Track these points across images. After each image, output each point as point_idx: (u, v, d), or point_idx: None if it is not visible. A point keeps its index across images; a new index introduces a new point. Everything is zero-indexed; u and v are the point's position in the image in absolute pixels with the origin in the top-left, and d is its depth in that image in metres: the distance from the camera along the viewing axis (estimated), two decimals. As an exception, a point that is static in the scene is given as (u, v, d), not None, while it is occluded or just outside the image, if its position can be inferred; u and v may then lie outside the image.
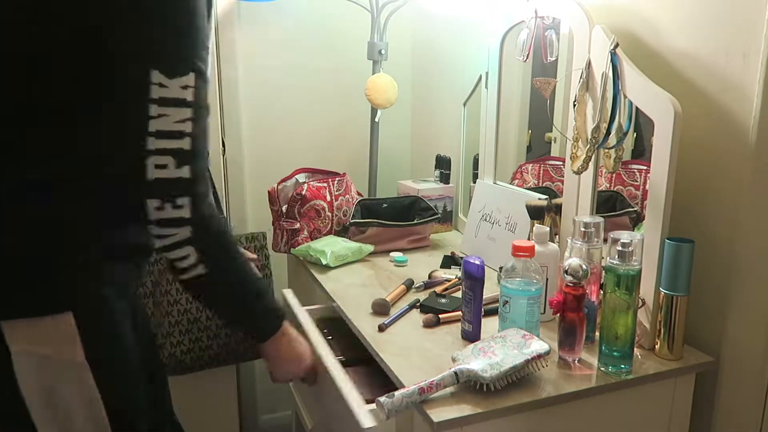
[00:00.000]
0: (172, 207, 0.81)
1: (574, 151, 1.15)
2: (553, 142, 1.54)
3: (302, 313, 1.33)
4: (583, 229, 1.04)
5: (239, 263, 0.92)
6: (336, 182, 1.73)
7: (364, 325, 1.19)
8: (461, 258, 1.47)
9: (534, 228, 1.15)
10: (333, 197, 1.69)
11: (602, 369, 1.00)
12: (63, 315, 0.84)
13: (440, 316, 1.19)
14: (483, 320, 1.12)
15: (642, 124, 1.20)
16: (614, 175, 1.28)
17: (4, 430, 0.90)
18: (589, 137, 1.09)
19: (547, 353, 0.95)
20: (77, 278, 0.86)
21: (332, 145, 2.11)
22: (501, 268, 1.09)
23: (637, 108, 1.06)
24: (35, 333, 0.84)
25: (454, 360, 0.97)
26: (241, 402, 1.97)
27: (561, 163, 1.41)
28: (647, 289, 1.04)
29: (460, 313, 1.14)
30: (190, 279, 0.87)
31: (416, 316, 1.23)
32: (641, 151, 1.25)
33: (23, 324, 0.83)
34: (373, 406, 0.91)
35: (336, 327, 1.32)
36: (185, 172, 0.81)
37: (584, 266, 0.98)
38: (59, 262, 0.85)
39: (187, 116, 0.80)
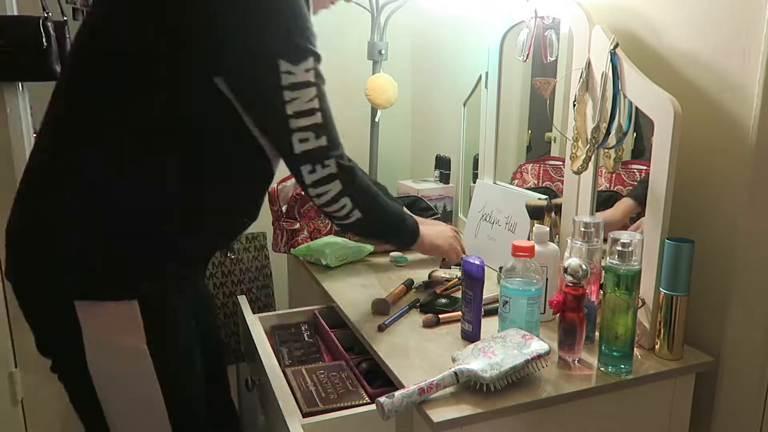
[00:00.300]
0: (322, 167, 0.96)
1: (574, 151, 1.15)
2: (553, 142, 1.54)
3: (254, 321, 1.34)
4: (583, 229, 1.04)
5: (381, 200, 1.10)
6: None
7: (364, 325, 1.19)
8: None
9: (534, 228, 1.15)
10: (333, 197, 1.69)
11: (602, 369, 1.00)
12: (129, 302, 0.93)
13: (440, 316, 1.19)
14: (483, 320, 1.11)
15: (642, 124, 1.20)
16: (614, 175, 1.27)
17: (73, 399, 1.03)
18: (589, 137, 1.09)
19: (547, 353, 0.95)
20: (146, 269, 0.94)
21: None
22: (501, 268, 1.09)
23: (637, 108, 1.06)
24: (103, 316, 0.92)
25: (454, 360, 0.97)
26: (241, 402, 1.97)
27: (561, 163, 1.41)
28: (647, 289, 1.04)
29: (459, 312, 1.14)
30: (351, 224, 1.05)
31: (416, 316, 1.23)
32: (641, 151, 1.25)
33: (93, 306, 0.92)
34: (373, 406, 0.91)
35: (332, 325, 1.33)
36: (323, 140, 0.95)
37: (584, 266, 0.98)
38: (132, 253, 0.93)
39: (314, 94, 0.92)
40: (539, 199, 1.36)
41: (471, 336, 1.10)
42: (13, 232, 0.97)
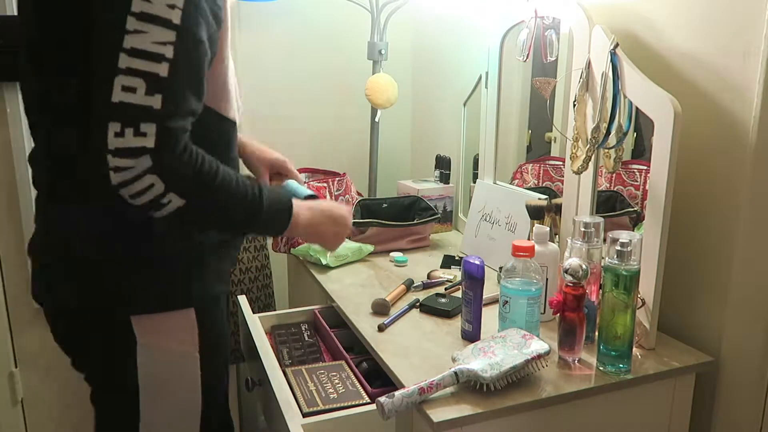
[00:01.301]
0: (134, 134, 0.73)
1: (574, 151, 1.15)
2: (553, 142, 1.54)
3: (254, 321, 1.34)
4: (583, 229, 1.04)
5: (221, 192, 0.84)
6: (336, 182, 1.73)
7: (364, 325, 1.19)
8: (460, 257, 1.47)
9: (534, 228, 1.15)
10: (333, 197, 1.69)
11: (601, 368, 1.00)
12: (186, 311, 0.93)
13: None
14: (482, 320, 1.11)
15: (642, 124, 1.20)
16: (614, 175, 1.28)
17: (110, 409, 1.00)
18: (589, 137, 1.09)
19: (547, 353, 0.95)
20: (197, 276, 0.94)
21: (332, 145, 2.10)
22: (500, 267, 1.09)
23: (637, 108, 1.06)
24: (160, 327, 0.92)
25: (454, 360, 0.97)
26: (241, 402, 1.97)
27: (561, 163, 1.41)
28: (647, 289, 1.04)
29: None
30: (169, 215, 0.80)
31: (416, 316, 1.23)
32: (641, 151, 1.25)
33: (151, 319, 0.91)
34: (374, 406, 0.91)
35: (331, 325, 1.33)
36: (156, 100, 0.73)
37: (584, 266, 0.98)
38: (183, 262, 0.92)
39: (170, 39, 0.73)
40: (539, 199, 1.36)
41: (471, 336, 1.10)
42: (47, 244, 0.91)
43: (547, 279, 1.12)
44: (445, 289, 1.35)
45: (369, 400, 1.06)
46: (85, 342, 0.95)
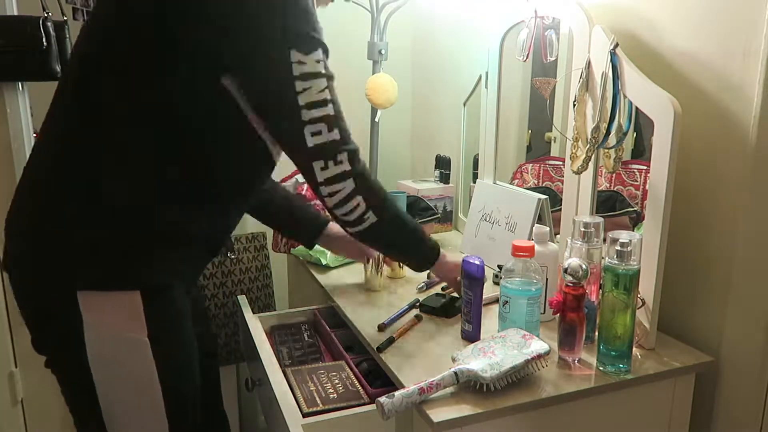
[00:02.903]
0: (334, 164, 0.94)
1: (573, 151, 1.15)
2: (553, 142, 1.54)
3: (254, 321, 1.34)
4: (582, 229, 1.04)
5: (398, 207, 1.07)
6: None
7: (364, 324, 1.19)
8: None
9: (534, 228, 1.15)
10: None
11: (601, 368, 1.00)
12: (131, 293, 0.93)
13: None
14: (482, 320, 1.11)
15: (642, 124, 1.20)
16: (614, 175, 1.28)
17: (68, 392, 1.03)
18: (589, 137, 1.09)
19: (547, 353, 0.95)
20: (148, 261, 0.95)
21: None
22: (499, 266, 1.09)
23: (637, 108, 1.06)
24: (105, 306, 0.93)
25: (454, 360, 0.97)
26: (241, 402, 1.97)
27: (561, 163, 1.41)
28: (647, 289, 1.04)
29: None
30: (365, 230, 1.01)
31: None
32: (641, 151, 1.25)
33: (96, 296, 0.93)
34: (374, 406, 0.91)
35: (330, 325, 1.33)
36: (336, 134, 0.93)
37: (584, 266, 0.98)
38: (136, 245, 0.93)
39: (324, 85, 0.91)
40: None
41: (471, 336, 1.10)
42: (15, 221, 0.98)
43: (547, 279, 1.12)
44: (443, 288, 1.35)
45: (369, 400, 1.06)
46: (42, 318, 0.99)
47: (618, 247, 0.96)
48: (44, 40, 1.59)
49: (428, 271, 1.26)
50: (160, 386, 0.98)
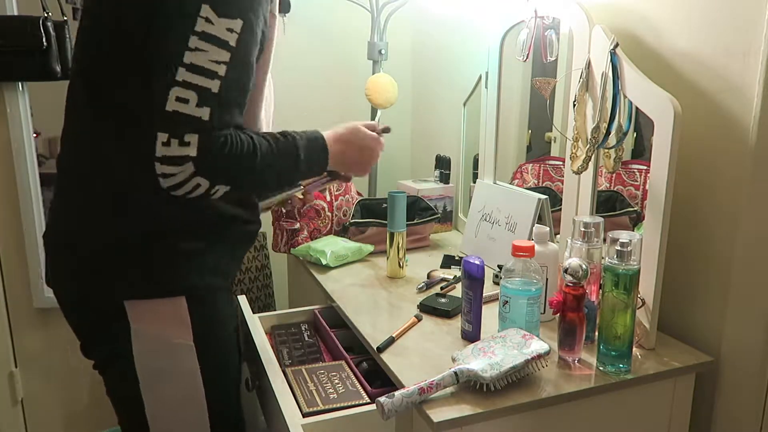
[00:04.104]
0: (179, 144, 0.80)
1: (573, 151, 1.15)
2: (553, 142, 1.54)
3: (254, 321, 1.34)
4: (582, 229, 1.04)
5: (263, 159, 0.90)
6: (336, 182, 1.73)
7: (364, 324, 1.19)
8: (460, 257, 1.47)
9: (534, 228, 1.15)
10: (333, 197, 1.69)
11: (601, 368, 1.00)
12: (177, 299, 0.94)
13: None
14: (482, 320, 1.11)
15: (642, 124, 1.20)
16: (614, 175, 1.28)
17: (116, 395, 1.03)
18: (589, 137, 1.09)
19: (547, 353, 0.95)
20: (190, 266, 0.95)
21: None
22: (499, 266, 1.09)
23: (637, 108, 1.06)
24: (153, 314, 0.93)
25: (454, 360, 0.97)
26: (241, 402, 1.97)
27: (561, 163, 1.41)
28: (647, 289, 1.04)
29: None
30: (223, 195, 0.89)
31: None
32: (641, 151, 1.25)
33: (143, 304, 0.93)
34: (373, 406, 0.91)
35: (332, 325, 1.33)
36: (204, 112, 0.81)
37: (584, 266, 0.98)
38: (176, 251, 0.93)
39: (224, 59, 0.81)
40: None
41: (471, 336, 1.10)
42: (55, 238, 0.98)
43: (547, 279, 1.12)
44: (441, 288, 1.35)
45: (369, 400, 1.06)
46: (90, 327, 1.00)
47: (618, 247, 0.96)
48: (44, 40, 1.59)
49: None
50: (204, 390, 0.98)
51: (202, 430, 1.01)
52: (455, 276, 1.40)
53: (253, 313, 1.40)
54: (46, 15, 1.62)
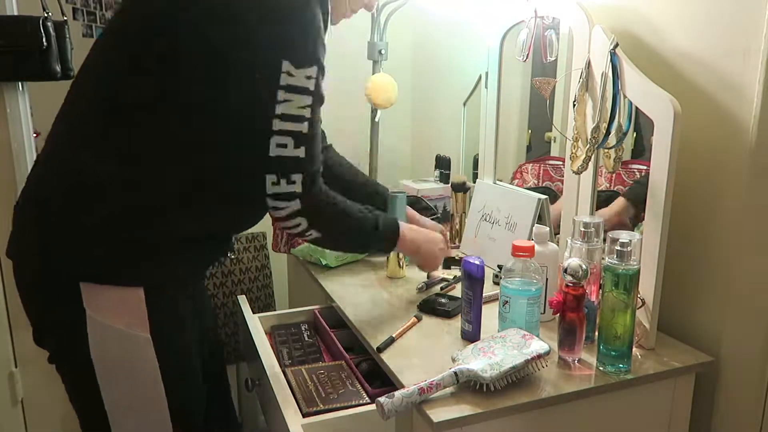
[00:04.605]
0: (287, 183, 0.94)
1: (573, 151, 1.15)
2: (553, 141, 1.54)
3: (254, 321, 1.34)
4: (582, 229, 1.04)
5: (347, 220, 1.07)
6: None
7: (364, 325, 1.19)
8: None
9: (534, 228, 1.15)
10: (333, 197, 1.69)
11: (601, 368, 1.00)
12: (134, 289, 0.94)
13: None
14: (482, 320, 1.11)
15: (642, 124, 1.20)
16: (614, 174, 1.28)
17: (71, 389, 1.03)
18: (589, 137, 1.09)
19: (547, 353, 0.95)
20: (153, 259, 0.96)
21: (332, 144, 2.10)
22: (499, 266, 1.09)
23: (637, 108, 1.06)
24: (107, 300, 0.94)
25: (454, 360, 0.97)
26: (241, 402, 1.97)
27: (561, 162, 1.41)
28: (647, 289, 1.04)
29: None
30: (308, 240, 1.05)
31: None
32: (641, 151, 1.25)
33: (98, 289, 0.93)
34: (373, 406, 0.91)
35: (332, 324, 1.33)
36: (301, 152, 0.93)
37: (584, 266, 0.98)
38: (143, 242, 0.94)
39: (307, 103, 0.92)
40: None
41: (471, 336, 1.10)
42: (24, 209, 0.99)
43: (547, 279, 1.12)
44: (441, 288, 1.35)
45: (369, 400, 1.06)
46: (43, 308, 0.99)
47: (618, 247, 0.96)
48: (44, 40, 1.59)
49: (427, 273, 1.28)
50: (163, 385, 0.98)
51: (163, 426, 1.01)
52: (455, 276, 1.40)
53: (253, 313, 1.41)
54: (46, 15, 1.62)
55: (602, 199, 1.27)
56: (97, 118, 0.94)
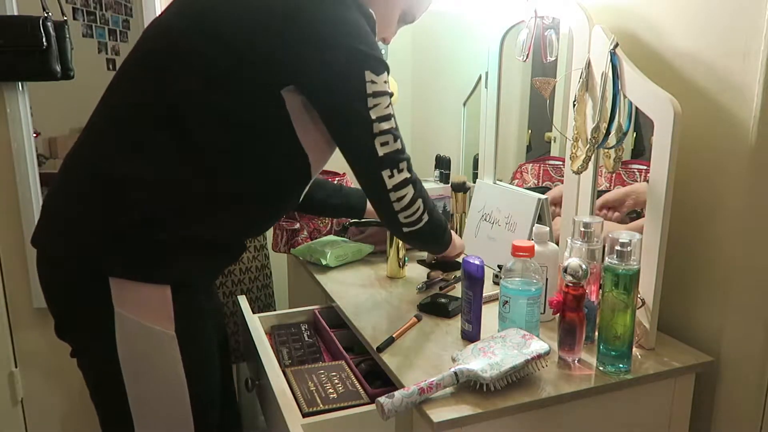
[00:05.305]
0: (398, 172, 1.02)
1: (573, 151, 1.15)
2: (552, 141, 1.54)
3: (254, 321, 1.34)
4: (582, 229, 1.04)
5: (436, 209, 1.14)
6: (336, 182, 1.73)
7: (364, 324, 1.19)
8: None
9: (534, 228, 1.15)
10: (333, 197, 1.69)
11: (601, 368, 1.00)
12: (162, 287, 0.97)
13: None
14: (482, 320, 1.11)
15: (642, 124, 1.20)
16: (614, 175, 1.28)
17: (94, 384, 1.05)
18: (589, 137, 1.09)
19: (547, 353, 0.95)
20: (183, 258, 0.98)
21: (332, 145, 2.10)
22: (499, 266, 1.09)
23: (637, 108, 1.06)
24: (137, 298, 0.96)
25: (454, 360, 0.97)
26: (241, 402, 1.97)
27: (561, 162, 1.41)
28: (647, 289, 1.04)
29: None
30: (417, 230, 1.08)
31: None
32: (641, 151, 1.25)
33: (128, 286, 0.95)
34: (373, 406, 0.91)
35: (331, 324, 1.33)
36: (399, 143, 1.02)
37: (584, 266, 0.98)
38: (170, 243, 0.96)
39: (388, 102, 1.00)
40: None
41: (471, 336, 1.10)
42: (57, 195, 1.00)
43: (547, 279, 1.12)
44: (441, 288, 1.35)
45: (369, 400, 1.06)
46: (69, 303, 1.00)
47: (618, 247, 0.96)
48: (44, 40, 1.59)
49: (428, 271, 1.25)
50: (186, 381, 1.00)
51: (185, 422, 1.02)
52: (455, 276, 1.40)
53: (253, 313, 1.40)
54: (46, 15, 1.62)
55: (602, 199, 1.27)
56: (147, 125, 0.95)
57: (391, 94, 1.01)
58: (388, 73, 1.01)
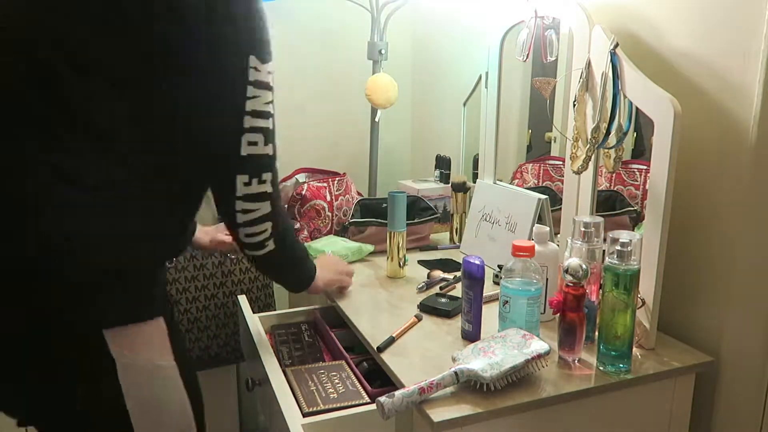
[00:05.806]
0: (258, 182, 0.90)
1: (573, 151, 1.15)
2: (553, 141, 1.54)
3: (254, 321, 1.34)
4: (582, 229, 1.04)
5: (294, 235, 1.06)
6: (336, 182, 1.73)
7: (364, 324, 1.19)
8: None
9: (534, 228, 1.15)
10: (333, 197, 1.69)
11: (601, 368, 1.00)
12: (156, 320, 0.90)
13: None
14: (482, 320, 1.11)
15: (642, 124, 1.21)
16: (614, 174, 1.28)
17: None
18: (589, 137, 1.09)
19: (547, 353, 0.95)
20: (159, 284, 0.93)
21: (332, 145, 2.10)
22: (499, 266, 1.09)
23: (637, 108, 1.06)
24: (136, 338, 0.87)
25: (454, 360, 0.97)
26: (241, 402, 1.97)
27: (561, 162, 1.41)
28: (647, 289, 1.04)
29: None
30: (261, 256, 0.97)
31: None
32: (641, 151, 1.25)
33: (125, 331, 0.86)
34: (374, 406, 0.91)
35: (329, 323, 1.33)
36: (270, 149, 0.90)
37: (584, 266, 0.98)
38: (148, 271, 0.90)
39: (270, 99, 0.89)
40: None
41: (471, 336, 1.10)
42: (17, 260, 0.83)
43: (547, 279, 1.12)
44: (441, 288, 1.35)
45: (369, 400, 1.06)
46: (51, 375, 0.85)
47: (618, 247, 0.96)
48: None
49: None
50: (191, 408, 0.95)
51: None
52: (455, 276, 1.40)
53: (253, 313, 1.40)
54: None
55: (602, 199, 1.27)
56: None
57: (273, 91, 0.90)
58: (275, 63, 0.90)
